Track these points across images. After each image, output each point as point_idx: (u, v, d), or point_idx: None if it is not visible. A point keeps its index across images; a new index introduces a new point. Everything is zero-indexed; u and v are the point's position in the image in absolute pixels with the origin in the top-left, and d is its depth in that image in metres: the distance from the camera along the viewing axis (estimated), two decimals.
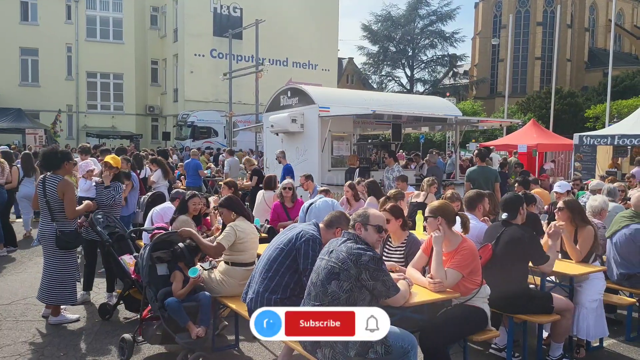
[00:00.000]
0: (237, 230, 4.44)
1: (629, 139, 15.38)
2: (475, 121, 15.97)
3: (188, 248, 4.46)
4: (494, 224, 4.73)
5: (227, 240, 4.41)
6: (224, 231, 4.52)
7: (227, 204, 4.72)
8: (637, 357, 4.64)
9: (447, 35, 52.05)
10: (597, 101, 39.66)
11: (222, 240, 4.42)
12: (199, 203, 5.58)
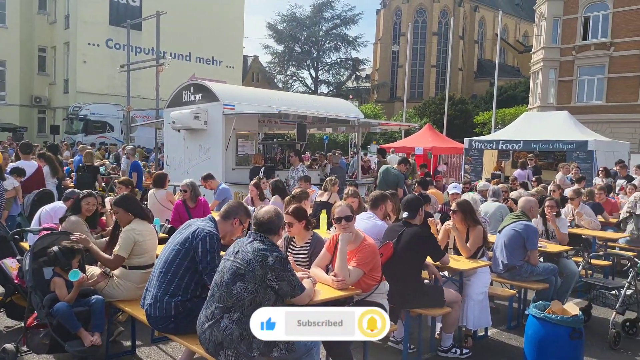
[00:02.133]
0: (134, 235, 4.21)
1: (511, 144, 16.83)
2: (376, 124, 16.57)
3: (62, 251, 4.08)
4: (394, 224, 4.95)
5: (126, 250, 4.17)
6: (120, 238, 4.24)
7: (122, 204, 4.43)
8: (517, 344, 5.08)
9: (350, 39, 53.55)
10: (484, 109, 42.93)
11: (120, 251, 4.16)
12: (92, 203, 5.14)
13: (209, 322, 3.12)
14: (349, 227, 3.94)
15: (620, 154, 16.23)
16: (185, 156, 12.39)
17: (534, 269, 5.47)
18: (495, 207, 7.23)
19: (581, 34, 28.31)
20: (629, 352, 4.99)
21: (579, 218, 7.61)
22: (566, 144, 15.28)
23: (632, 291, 5.25)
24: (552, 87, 29.45)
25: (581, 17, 28.21)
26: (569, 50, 28.69)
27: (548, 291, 5.46)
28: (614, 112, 26.88)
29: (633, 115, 26.32)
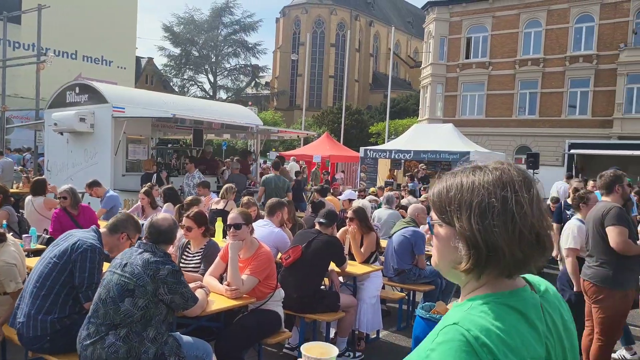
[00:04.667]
0: (12, 264, 3.74)
1: (402, 154, 17.74)
2: (276, 131, 16.63)
3: None
4: (307, 229, 5.00)
5: (16, 284, 3.73)
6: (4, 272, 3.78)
7: None
8: (406, 344, 5.32)
9: (250, 45, 53.36)
10: (379, 119, 44.89)
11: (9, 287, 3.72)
12: None
13: (92, 339, 2.90)
14: (238, 234, 3.89)
15: None
16: (69, 161, 11.53)
17: (422, 272, 5.79)
18: (388, 214, 7.56)
19: (464, 53, 30.69)
20: None
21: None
22: (451, 154, 16.41)
23: None
24: (440, 101, 31.55)
25: (464, 38, 30.59)
26: (454, 68, 30.96)
27: (434, 292, 5.79)
28: (492, 125, 29.43)
29: (508, 129, 28.99)
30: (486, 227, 0.98)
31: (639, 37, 25.56)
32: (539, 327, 1.00)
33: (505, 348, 0.93)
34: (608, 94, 26.01)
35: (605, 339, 3.96)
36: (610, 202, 4.06)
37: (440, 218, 1.07)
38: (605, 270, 3.92)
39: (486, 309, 0.98)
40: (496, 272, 1.02)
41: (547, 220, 1.04)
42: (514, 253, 0.99)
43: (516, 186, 1.01)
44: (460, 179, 1.05)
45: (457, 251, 1.02)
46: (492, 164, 1.07)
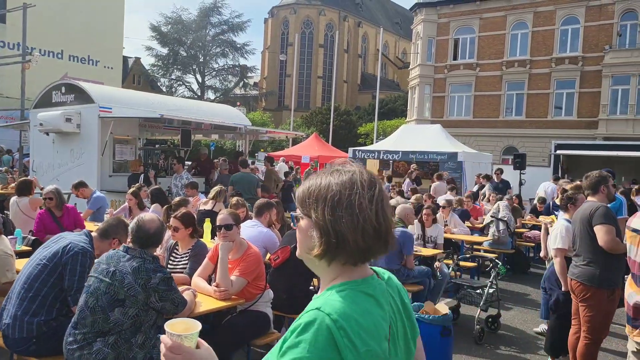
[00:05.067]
0: (12, 254, 3.77)
1: (391, 155, 17.79)
2: (264, 132, 16.59)
3: None
4: (293, 231, 4.98)
5: (12, 274, 3.72)
6: (2, 260, 3.76)
7: None
8: None
9: (238, 46, 53.15)
10: (367, 120, 45.00)
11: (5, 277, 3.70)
12: None
13: (79, 344, 2.86)
14: (228, 235, 3.87)
15: (485, 165, 17.90)
16: (55, 161, 11.39)
17: (410, 272, 5.80)
18: None
19: (452, 54, 30.88)
20: (492, 346, 5.47)
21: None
22: (439, 155, 16.48)
23: (493, 289, 5.77)
24: (428, 102, 31.71)
25: (452, 39, 30.78)
26: (441, 69, 31.14)
27: (423, 292, 5.81)
28: (479, 126, 29.64)
29: (495, 129, 29.22)
30: (336, 218, 1.16)
31: (623, 39, 25.91)
32: (386, 309, 1.18)
33: (360, 329, 1.09)
34: (593, 96, 26.33)
35: (592, 337, 4.00)
36: (597, 201, 4.11)
37: (301, 211, 1.23)
38: (592, 269, 3.96)
39: (344, 295, 1.14)
40: (344, 260, 1.18)
41: (387, 217, 1.20)
42: (358, 242, 1.16)
43: (362, 186, 1.19)
44: (320, 178, 1.23)
45: (312, 240, 1.19)
46: (347, 167, 1.24)
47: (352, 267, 1.20)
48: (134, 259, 2.95)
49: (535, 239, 9.63)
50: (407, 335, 1.26)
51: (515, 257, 9.03)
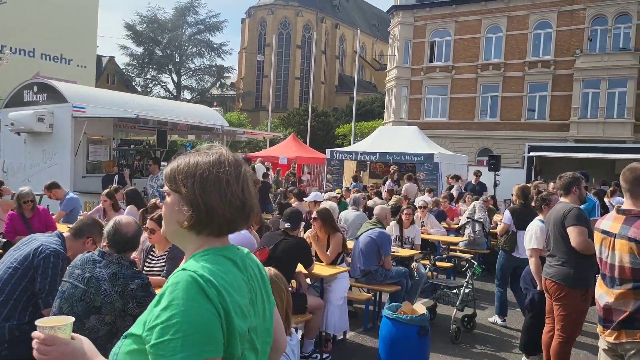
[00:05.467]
0: None
1: (368, 156, 17.88)
2: (241, 132, 16.49)
3: None
4: (273, 232, 4.96)
5: None
6: None
7: None
8: (373, 345, 5.35)
9: (215, 46, 52.77)
10: (345, 121, 45.12)
11: None
12: None
13: None
14: None
15: (460, 166, 18.14)
16: (26, 162, 11.13)
17: (388, 272, 5.84)
18: (355, 215, 7.61)
19: (428, 56, 31.21)
20: (467, 345, 5.54)
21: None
22: (416, 156, 16.64)
23: (469, 289, 5.85)
24: (404, 104, 31.98)
25: (428, 42, 31.11)
26: (418, 71, 31.44)
27: (400, 293, 5.86)
28: (455, 128, 30.03)
29: (470, 131, 29.64)
30: (206, 192, 1.26)
31: (594, 44, 26.57)
32: (245, 273, 1.29)
33: (225, 283, 1.18)
34: (565, 99, 26.93)
35: (566, 335, 4.08)
36: (569, 202, 4.20)
37: (169, 187, 1.31)
38: (566, 269, 4.05)
39: (207, 258, 1.24)
40: (210, 231, 1.28)
41: (251, 194, 1.33)
42: (225, 214, 1.27)
43: (229, 165, 1.30)
44: (189, 158, 1.32)
45: (182, 213, 1.27)
46: (213, 149, 1.34)
47: (216, 238, 1.30)
48: (111, 264, 2.85)
49: None
50: (264, 304, 1.36)
51: (490, 257, 9.14)
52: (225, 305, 1.15)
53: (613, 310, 2.86)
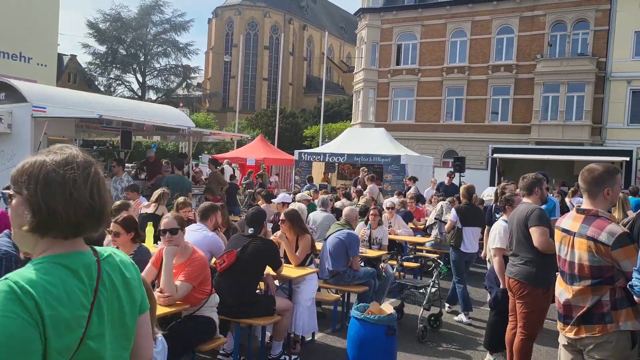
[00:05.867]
0: None
1: (336, 157, 17.96)
2: (208, 133, 16.27)
3: None
4: (240, 234, 4.92)
5: None
6: None
7: None
8: (341, 345, 5.38)
9: (181, 45, 51.91)
10: (313, 123, 45.19)
11: None
12: None
13: None
14: (174, 240, 3.78)
15: (426, 167, 18.42)
16: None
17: (356, 273, 5.88)
18: (324, 217, 7.63)
19: (395, 59, 31.59)
20: (434, 343, 5.63)
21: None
22: (383, 158, 16.80)
23: (435, 289, 5.94)
24: (372, 106, 32.25)
25: (395, 44, 31.49)
26: (385, 73, 31.77)
27: (368, 293, 5.90)
28: (421, 130, 30.47)
29: (436, 133, 30.13)
30: (48, 194, 1.22)
31: (553, 49, 27.42)
32: (86, 281, 1.25)
33: (47, 295, 1.15)
34: (526, 102, 27.69)
35: (528, 332, 4.19)
36: (531, 203, 4.33)
37: (13, 189, 1.28)
38: (529, 268, 4.16)
39: (39, 266, 1.21)
40: (55, 234, 1.25)
41: (102, 196, 1.30)
42: (70, 217, 1.23)
43: (77, 166, 1.27)
44: (35, 158, 1.28)
45: (24, 216, 1.24)
46: (64, 149, 1.30)
47: (62, 241, 1.27)
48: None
49: None
50: (123, 310, 1.34)
51: None
52: (43, 318, 1.13)
53: (572, 307, 2.96)
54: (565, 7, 26.80)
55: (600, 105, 26.07)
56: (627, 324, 2.77)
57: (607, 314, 2.80)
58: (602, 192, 2.94)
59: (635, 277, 2.36)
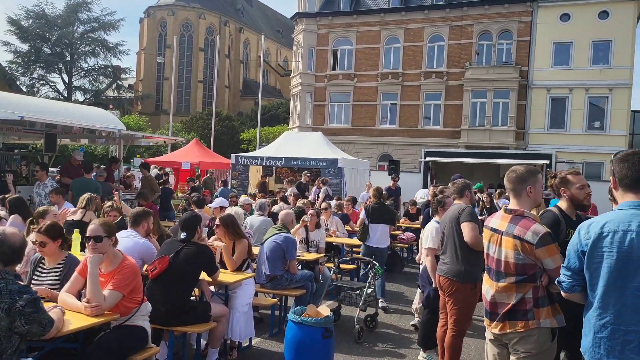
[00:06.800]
0: None
1: (274, 161, 17.90)
2: (140, 136, 15.76)
3: None
4: (173, 239, 4.77)
5: None
6: None
7: None
8: (279, 350, 5.35)
9: (110, 45, 49.90)
10: (250, 126, 44.84)
11: None
12: None
13: None
14: (98, 248, 3.61)
15: (363, 171, 18.75)
16: None
17: (294, 277, 5.88)
18: (261, 221, 7.57)
19: (331, 64, 31.98)
20: (370, 344, 5.73)
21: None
22: (320, 161, 16.92)
23: (371, 290, 6.05)
24: (309, 110, 32.46)
25: (331, 50, 31.89)
26: (322, 78, 32.09)
27: (305, 296, 5.92)
28: (357, 134, 31.02)
29: (372, 137, 30.78)
30: None
31: (481, 58, 28.79)
32: None
33: None
34: (457, 108, 28.89)
35: (458, 328, 4.36)
36: (463, 204, 4.55)
37: None
38: (458, 266, 4.34)
39: None
40: None
41: None
42: None
43: None
44: None
45: None
46: None
47: None
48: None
49: (409, 241, 10.28)
50: None
51: (391, 258, 9.55)
52: None
53: (498, 304, 3.11)
54: (491, 18, 28.23)
55: (524, 112, 27.66)
56: (547, 322, 2.96)
57: (530, 311, 2.97)
58: (524, 191, 3.12)
59: (563, 273, 2.50)
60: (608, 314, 2.26)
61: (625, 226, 2.22)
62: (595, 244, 2.29)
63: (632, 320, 2.19)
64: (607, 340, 2.27)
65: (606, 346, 2.27)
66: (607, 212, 2.41)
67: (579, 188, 3.62)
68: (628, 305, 2.20)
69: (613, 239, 2.24)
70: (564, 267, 2.49)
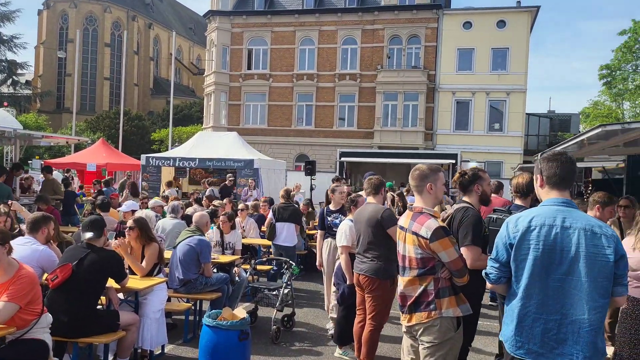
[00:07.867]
0: None
1: (187, 162, 17.40)
2: (39, 136, 14.68)
3: None
4: (77, 245, 4.46)
5: None
6: None
7: None
8: (193, 355, 5.20)
9: (5, 38, 45.99)
10: (161, 126, 43.26)
11: None
12: None
13: None
14: None
15: (279, 171, 18.74)
16: None
17: (209, 280, 5.74)
18: (174, 224, 7.31)
19: (246, 63, 31.68)
20: (287, 343, 5.73)
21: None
22: (236, 162, 16.69)
23: (288, 290, 6.06)
24: (224, 109, 31.92)
25: (245, 49, 31.59)
26: (236, 77, 31.69)
27: (221, 299, 5.80)
28: (273, 134, 30.98)
29: (288, 138, 30.87)
30: None
31: (392, 61, 29.86)
32: None
33: None
34: (370, 109, 29.74)
35: (376, 323, 4.48)
36: (377, 203, 4.65)
37: None
38: (377, 264, 4.45)
39: None
40: None
41: None
42: None
43: None
44: None
45: None
46: None
47: None
48: None
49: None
50: None
51: (308, 257, 9.63)
52: None
53: (406, 297, 3.24)
54: (401, 23, 29.38)
55: (432, 114, 29.06)
56: (449, 311, 3.11)
57: (432, 302, 3.12)
58: (425, 187, 3.27)
59: (491, 265, 2.59)
60: (531, 304, 2.39)
61: (550, 221, 2.38)
62: (523, 236, 2.42)
63: (553, 310, 2.34)
64: (529, 328, 2.40)
65: (527, 334, 2.40)
66: (534, 208, 2.55)
67: (488, 184, 3.89)
68: (550, 296, 2.35)
69: (540, 232, 2.38)
70: (492, 259, 2.58)
